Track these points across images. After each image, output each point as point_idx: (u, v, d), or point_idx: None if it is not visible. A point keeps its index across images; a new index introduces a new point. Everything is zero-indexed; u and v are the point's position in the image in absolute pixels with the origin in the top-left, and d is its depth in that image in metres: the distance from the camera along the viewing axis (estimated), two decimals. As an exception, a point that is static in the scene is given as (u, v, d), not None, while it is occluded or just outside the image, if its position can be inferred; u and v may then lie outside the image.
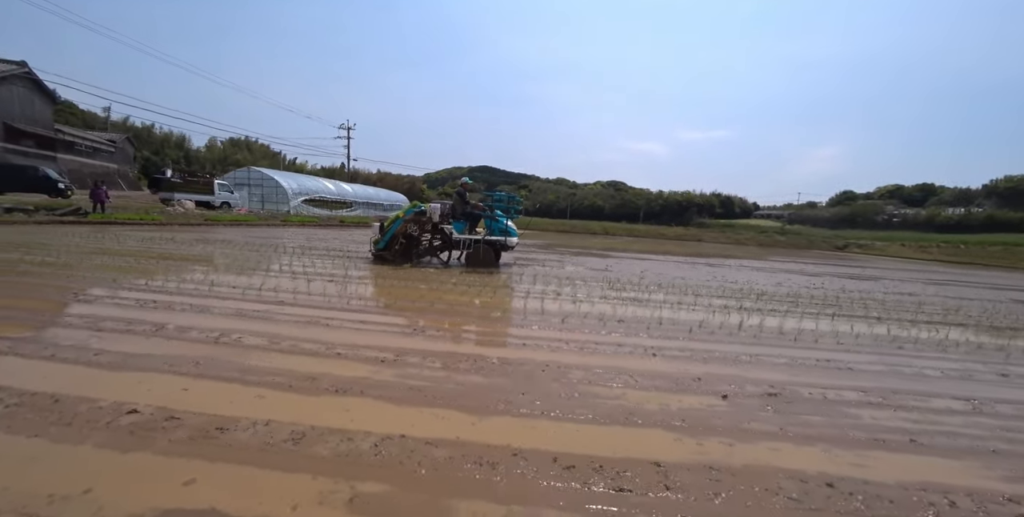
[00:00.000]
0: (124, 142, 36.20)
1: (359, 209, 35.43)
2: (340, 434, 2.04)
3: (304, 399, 2.40)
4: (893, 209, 73.05)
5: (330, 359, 3.02)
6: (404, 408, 2.36)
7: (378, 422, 2.18)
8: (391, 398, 2.46)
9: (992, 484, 2.01)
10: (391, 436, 2.05)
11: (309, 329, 3.71)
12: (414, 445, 1.98)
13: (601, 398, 2.63)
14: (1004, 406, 3.00)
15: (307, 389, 2.51)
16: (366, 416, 2.23)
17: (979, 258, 29.65)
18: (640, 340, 3.95)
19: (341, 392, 2.50)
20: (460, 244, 8.47)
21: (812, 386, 3.11)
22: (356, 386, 2.58)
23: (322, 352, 3.14)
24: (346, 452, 1.90)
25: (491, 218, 8.39)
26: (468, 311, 4.77)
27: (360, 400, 2.42)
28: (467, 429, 2.16)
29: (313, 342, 3.34)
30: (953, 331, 5.48)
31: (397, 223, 8.16)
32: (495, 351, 3.39)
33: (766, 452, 2.12)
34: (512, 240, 8.47)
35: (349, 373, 2.78)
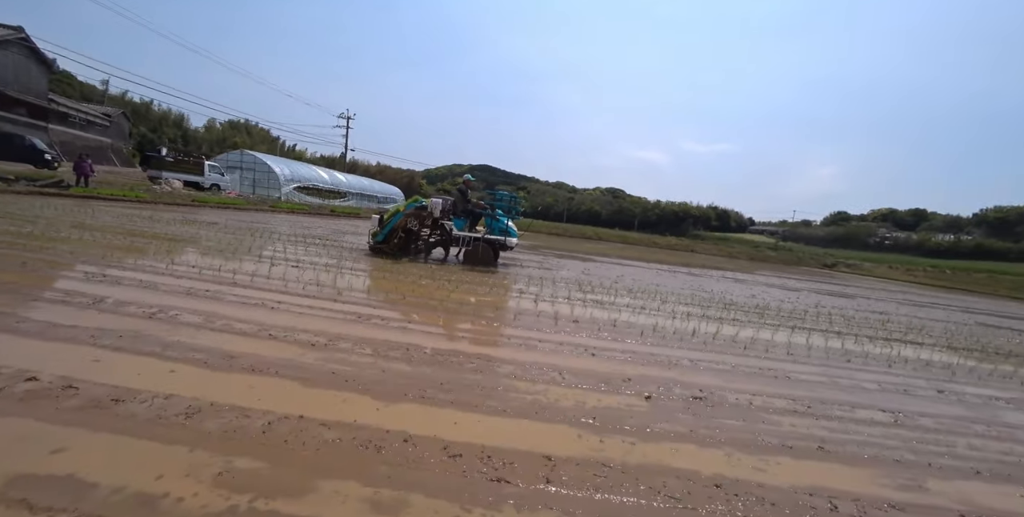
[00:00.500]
0: (120, 117, 35.79)
1: (353, 200, 35.26)
2: (238, 411, 2.02)
3: (215, 376, 2.37)
4: (885, 232, 73.81)
5: (260, 340, 3.00)
6: (314, 390, 2.34)
7: (281, 402, 2.16)
8: (305, 380, 2.45)
9: (883, 491, 2.02)
10: (289, 416, 2.03)
11: (252, 311, 3.68)
12: (308, 426, 1.97)
13: (520, 392, 2.62)
14: (926, 420, 3.03)
15: (222, 367, 2.49)
16: (271, 396, 2.21)
17: (963, 284, 30.00)
18: (585, 340, 3.95)
19: (256, 372, 2.48)
20: (459, 241, 8.37)
21: (742, 392, 3.12)
22: (274, 367, 2.56)
23: (254, 333, 3.12)
24: (235, 428, 1.88)
25: (492, 217, 8.33)
26: (423, 303, 4.76)
27: (272, 380, 2.40)
28: (369, 414, 2.15)
29: (250, 323, 3.31)
30: (907, 349, 5.54)
31: (397, 217, 8.04)
32: (432, 342, 3.38)
33: (666, 453, 2.13)
34: (512, 240, 8.42)
35: (273, 354, 2.76)
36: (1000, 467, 2.41)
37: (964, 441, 2.73)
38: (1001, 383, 4.36)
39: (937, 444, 2.64)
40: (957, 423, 3.03)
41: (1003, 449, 2.67)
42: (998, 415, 3.33)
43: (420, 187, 68.77)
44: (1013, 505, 2.04)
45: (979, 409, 3.42)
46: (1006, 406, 3.60)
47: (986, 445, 2.70)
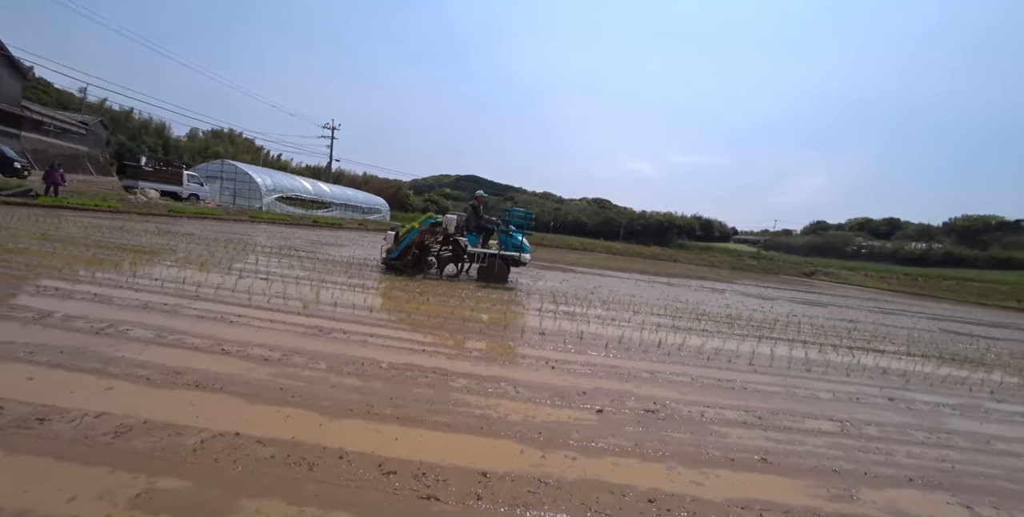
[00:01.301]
0: (97, 125, 35.09)
1: (336, 210, 35.02)
2: (171, 429, 1.98)
3: (155, 393, 2.33)
4: (862, 241, 76.10)
5: (211, 355, 2.95)
6: (256, 406, 2.31)
7: (220, 419, 2.12)
8: (249, 396, 2.41)
9: (814, 502, 2.06)
10: (225, 433, 2.00)
11: (209, 325, 3.62)
12: (243, 443, 1.94)
13: (470, 407, 2.62)
14: (871, 428, 3.11)
15: (164, 383, 2.44)
16: (211, 413, 2.18)
17: (933, 291, 30.97)
18: (546, 352, 3.98)
19: (200, 388, 2.43)
20: (475, 257, 8.40)
21: (696, 404, 3.17)
22: (219, 383, 2.52)
23: (206, 348, 3.06)
24: (164, 447, 1.84)
25: (506, 233, 8.38)
26: (387, 316, 4.73)
27: (215, 397, 2.36)
28: (309, 430, 2.12)
29: (204, 338, 3.26)
30: (868, 357, 5.68)
31: (412, 233, 8.01)
32: (388, 356, 3.36)
33: (606, 467, 2.14)
34: (526, 256, 8.46)
35: (221, 369, 2.71)
36: (933, 474, 2.49)
37: (904, 449, 2.81)
38: (950, 389, 4.50)
39: (877, 452, 2.71)
40: (900, 431, 3.12)
41: (939, 456, 2.75)
42: (941, 422, 3.44)
43: (406, 198, 68.69)
44: (937, 512, 2.10)
45: (924, 416, 3.53)
46: (951, 412, 3.71)
47: (924, 452, 2.79)
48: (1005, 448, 3.06)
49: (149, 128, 47.85)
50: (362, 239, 18.37)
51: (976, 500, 2.26)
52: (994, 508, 2.20)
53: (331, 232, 21.10)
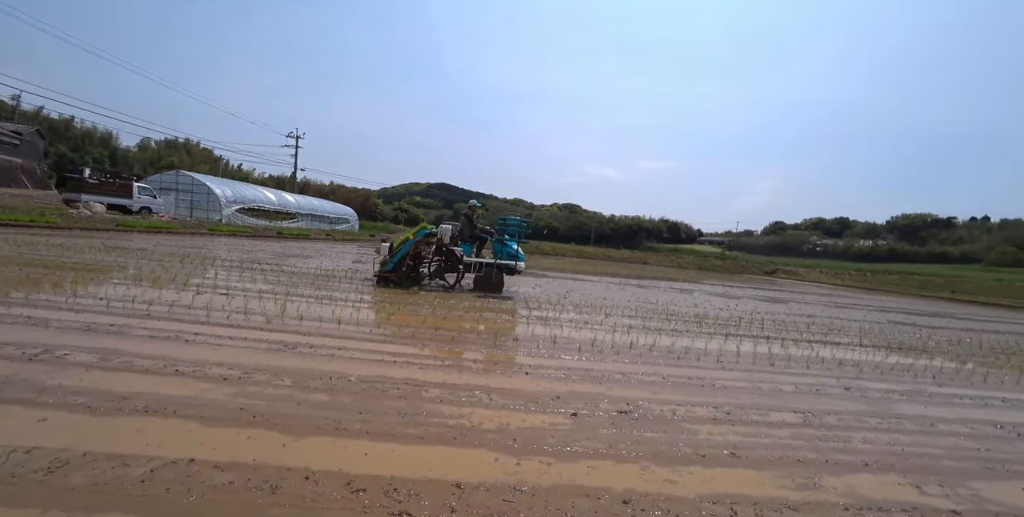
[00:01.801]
0: (33, 134, 32.60)
1: (302, 221, 33.95)
2: (116, 460, 1.83)
3: (96, 422, 2.15)
4: (816, 240, 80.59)
5: (163, 377, 2.76)
6: (214, 429, 2.17)
7: (172, 445, 1.98)
8: (206, 418, 2.27)
9: (781, 492, 2.13)
10: (178, 460, 1.87)
11: (161, 345, 3.40)
12: (198, 470, 1.81)
13: (443, 417, 2.57)
14: (831, 417, 3.26)
15: (108, 410, 2.26)
16: (161, 439, 2.03)
17: (880, 285, 33.11)
18: (520, 358, 3.97)
19: (149, 413, 2.27)
20: (471, 267, 8.32)
21: (668, 403, 3.23)
22: (172, 406, 2.36)
23: (158, 370, 2.87)
24: (107, 481, 1.70)
25: (500, 242, 8.39)
26: (356, 328, 4.60)
27: (167, 421, 2.20)
28: (272, 451, 2.02)
29: (155, 359, 3.06)
30: (826, 349, 5.98)
31: (407, 244, 7.82)
32: (357, 369, 3.26)
33: (581, 471, 2.14)
34: (520, 265, 8.45)
35: (174, 392, 2.55)
36: (886, 458, 2.63)
37: (859, 435, 2.96)
38: (899, 376, 4.79)
39: (836, 441, 2.84)
40: (856, 419, 3.29)
41: (890, 440, 2.91)
42: (891, 408, 3.64)
43: (376, 207, 67.45)
44: (891, 493, 2.22)
45: (877, 403, 3.73)
46: (899, 398, 3.95)
47: (877, 438, 2.94)
48: (947, 429, 3.27)
49: (93, 138, 44.91)
50: (330, 250, 17.86)
51: (923, 479, 2.40)
52: (939, 485, 2.35)
53: (297, 243, 20.40)
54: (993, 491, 2.36)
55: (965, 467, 2.63)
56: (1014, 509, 2.20)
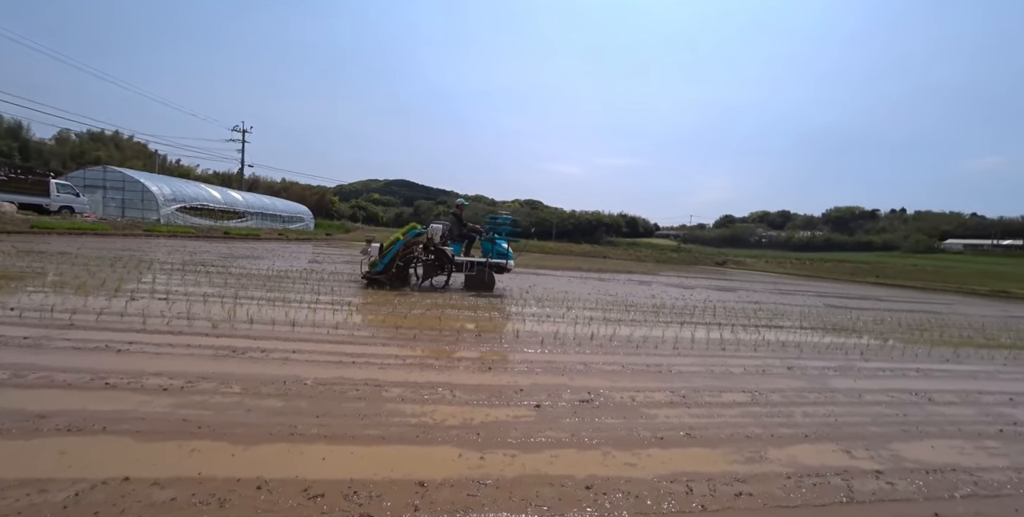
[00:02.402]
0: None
1: (252, 220, 32.07)
2: (31, 486, 1.65)
3: (6, 446, 1.93)
4: (762, 231, 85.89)
5: (89, 392, 2.52)
6: (152, 444, 2.01)
7: (101, 465, 1.82)
8: (142, 433, 2.10)
9: (732, 467, 2.26)
10: (109, 480, 1.71)
11: (87, 357, 3.10)
12: (133, 489, 1.67)
13: (405, 416, 2.52)
14: (775, 395, 3.50)
15: (21, 433, 2.04)
16: (88, 459, 1.85)
17: (818, 272, 35.89)
18: (483, 354, 3.96)
19: (73, 431, 2.07)
20: (463, 267, 8.25)
21: (627, 390, 3.34)
22: (101, 422, 2.16)
23: (84, 384, 2.62)
24: (21, 510, 1.53)
25: (490, 241, 8.36)
26: (312, 330, 4.41)
27: (94, 440, 2.01)
28: (220, 463, 1.90)
29: (80, 372, 2.78)
30: (771, 333, 6.40)
31: (398, 244, 7.68)
32: (315, 372, 3.13)
33: (545, 460, 2.17)
34: (511, 263, 8.47)
35: (104, 407, 2.33)
36: (822, 429, 2.86)
37: (800, 410, 3.19)
38: (832, 354, 5.22)
39: (780, 416, 3.05)
40: (797, 395, 3.55)
41: (826, 412, 3.17)
42: (827, 383, 3.97)
43: (332, 204, 64.89)
44: (826, 459, 2.42)
45: (814, 380, 4.05)
46: (834, 374, 4.30)
47: (815, 411, 3.19)
48: (872, 399, 3.61)
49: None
50: (283, 250, 16.99)
51: (853, 445, 2.63)
52: (866, 449, 2.59)
53: (247, 244, 19.25)
54: (909, 451, 2.63)
55: (887, 432, 2.91)
56: (924, 464, 2.46)
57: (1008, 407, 3.74)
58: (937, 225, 70.13)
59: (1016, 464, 2.60)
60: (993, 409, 3.64)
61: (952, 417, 3.34)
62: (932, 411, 3.44)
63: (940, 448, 2.74)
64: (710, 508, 1.88)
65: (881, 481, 2.24)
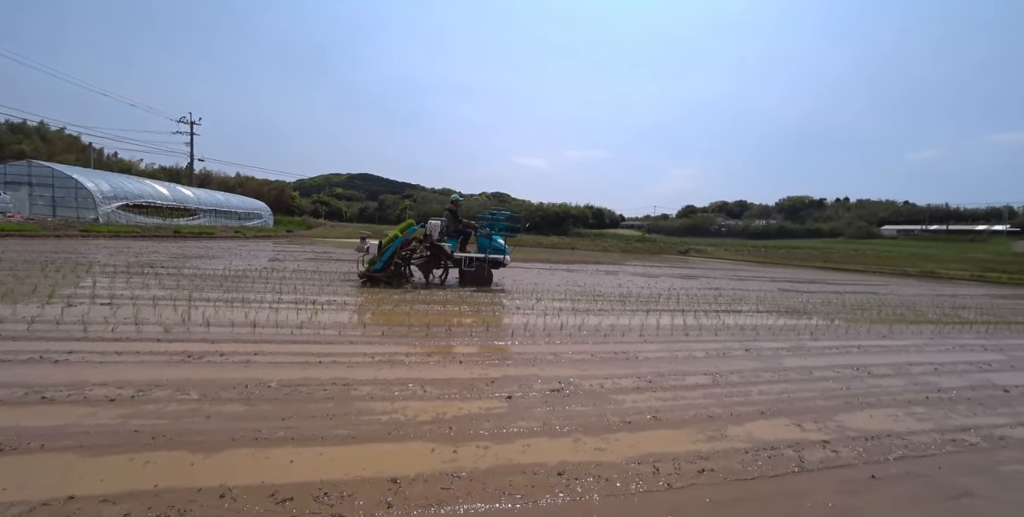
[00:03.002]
0: None
1: (205, 218, 30.26)
2: (-39, 512, 1.52)
3: (-67, 468, 1.76)
4: (721, 221, 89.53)
5: (22, 408, 2.33)
6: (100, 459, 1.89)
7: (41, 485, 1.69)
8: (88, 448, 1.96)
9: (695, 446, 2.38)
10: (51, 501, 1.60)
11: (18, 369, 2.85)
12: (79, 507, 1.57)
13: (375, 414, 2.49)
14: (734, 376, 3.70)
15: (-52, 453, 1.86)
16: (25, 481, 1.72)
17: (773, 258, 37.96)
18: (454, 347, 3.96)
19: (5, 452, 1.90)
20: (462, 262, 8.30)
21: (596, 377, 3.43)
22: (38, 440, 2.00)
23: (15, 399, 2.41)
24: (-48, 537, 1.41)
25: (487, 237, 8.44)
26: (275, 330, 4.24)
27: (31, 459, 1.87)
28: (179, 473, 1.81)
29: (11, 387, 2.56)
30: (730, 317, 6.73)
31: (397, 242, 7.68)
32: (279, 373, 3.02)
33: (518, 450, 2.20)
34: (507, 258, 8.65)
35: (42, 423, 2.16)
36: (776, 405, 3.05)
37: (757, 389, 3.39)
38: (786, 336, 5.56)
39: (739, 395, 3.23)
40: (754, 375, 3.76)
41: (780, 390, 3.39)
42: (781, 362, 4.23)
43: (292, 200, 62.17)
44: (780, 433, 2.59)
45: (769, 360, 4.30)
46: (787, 354, 4.59)
47: (770, 389, 3.40)
48: (820, 375, 3.88)
49: (-100, 120, 35.66)
50: (240, 248, 16.18)
51: (803, 419, 2.83)
52: (814, 422, 2.79)
53: (200, 243, 18.20)
54: (851, 421, 2.86)
55: (832, 405, 3.15)
56: (864, 432, 2.69)
57: (933, 376, 4.13)
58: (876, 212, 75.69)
59: (939, 427, 2.89)
60: (921, 378, 4.01)
61: (887, 388, 3.65)
62: (871, 383, 3.74)
63: (877, 417, 2.99)
64: (675, 485, 1.97)
65: (827, 450, 2.43)
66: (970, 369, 4.50)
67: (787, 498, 1.95)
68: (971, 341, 6.01)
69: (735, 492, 1.97)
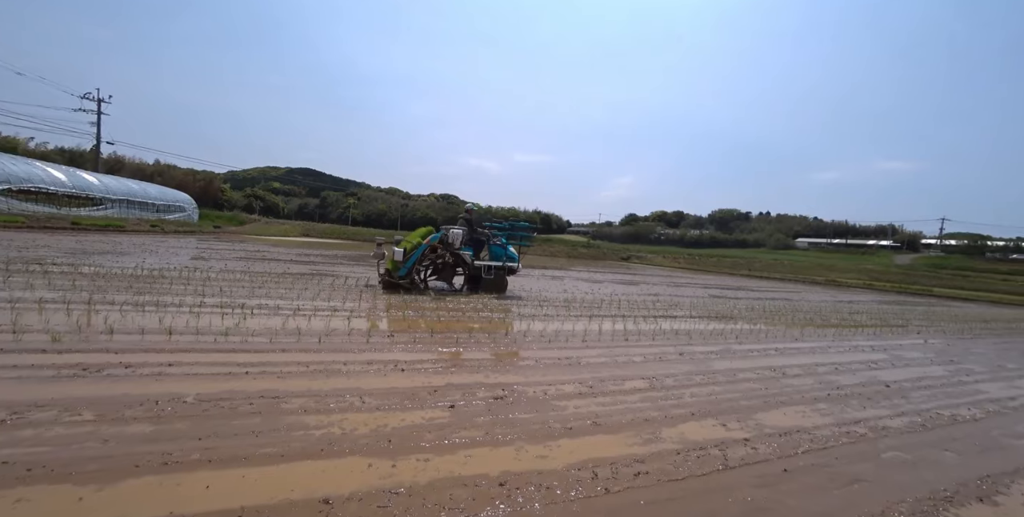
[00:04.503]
0: None
1: (113, 208, 26.97)
2: None
3: None
4: (660, 229, 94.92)
5: None
6: (-42, 497, 1.59)
7: None
8: (-57, 485, 1.65)
9: (632, 449, 2.48)
10: None
11: None
12: (-73, 559, 1.31)
13: (308, 429, 2.33)
14: (670, 380, 3.91)
15: None
16: None
17: (705, 266, 40.94)
18: (395, 355, 3.83)
19: None
20: (481, 270, 8.56)
21: (539, 384, 3.47)
22: None
23: None
24: None
25: (501, 245, 8.79)
26: (195, 337, 3.86)
27: None
28: (61, 510, 1.57)
29: None
30: (666, 322, 7.13)
31: (421, 249, 7.91)
32: (198, 386, 2.74)
33: (459, 462, 2.16)
34: (519, 266, 9.11)
35: None
36: (705, 406, 3.27)
37: (688, 391, 3.61)
38: (715, 340, 6.00)
39: (672, 398, 3.41)
40: (687, 378, 4.01)
41: (708, 392, 3.63)
42: (710, 365, 4.55)
43: (222, 193, 57.19)
44: (707, 434, 2.77)
45: (700, 363, 4.61)
46: (716, 357, 4.95)
47: (700, 391, 3.64)
48: (743, 377, 4.22)
49: None
50: (157, 245, 14.58)
51: (728, 419, 3.05)
52: (737, 422, 3.02)
53: (105, 237, 16.16)
54: (768, 419, 3.13)
55: (753, 404, 3.43)
56: (778, 429, 2.96)
57: (834, 375, 4.64)
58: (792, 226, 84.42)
59: (838, 420, 3.24)
60: (825, 377, 4.49)
61: (798, 387, 4.04)
62: (785, 383, 4.13)
63: (789, 414, 3.30)
64: (612, 490, 2.04)
65: (748, 447, 2.64)
66: (862, 368, 5.11)
67: (713, 495, 2.08)
68: (863, 342, 6.84)
69: (667, 493, 2.07)
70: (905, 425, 3.31)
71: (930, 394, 4.27)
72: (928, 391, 4.36)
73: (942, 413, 3.68)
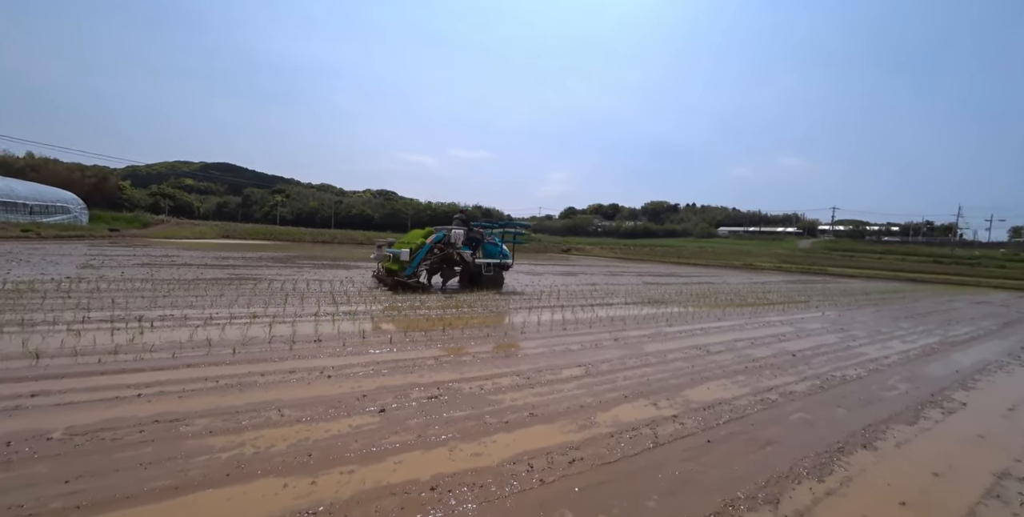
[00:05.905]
0: None
1: (-27, 211, 22.68)
2: None
3: None
4: (598, 222, 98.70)
5: None
6: None
7: None
8: None
9: (568, 437, 2.49)
10: None
11: None
12: None
13: (213, 452, 2.07)
14: (604, 365, 4.02)
15: None
16: None
17: (639, 255, 43.35)
18: (322, 360, 3.56)
19: None
20: (480, 268, 8.92)
21: (476, 379, 3.40)
22: None
23: None
24: None
25: (494, 244, 9.22)
26: (67, 361, 3.31)
27: None
28: None
29: None
30: (603, 310, 7.38)
31: (425, 249, 8.16)
32: (68, 418, 2.33)
33: (388, 470, 2.04)
34: (511, 262, 9.73)
35: None
36: (638, 388, 3.40)
37: (622, 375, 3.74)
38: (648, 324, 6.32)
39: (607, 384, 3.51)
40: (620, 362, 4.15)
41: (641, 374, 3.79)
42: (643, 349, 4.76)
43: (120, 191, 50.30)
44: (640, 414, 2.88)
45: (634, 347, 4.81)
46: (648, 341, 5.20)
47: (633, 374, 3.78)
48: (673, 357, 4.47)
49: None
50: (30, 253, 12.46)
51: (658, 398, 3.20)
52: (667, 400, 3.18)
53: (-40, 246, 13.49)
54: (694, 395, 3.33)
55: (681, 383, 3.63)
56: (703, 403, 3.15)
57: (750, 348, 5.08)
58: (715, 216, 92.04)
59: (754, 390, 3.53)
60: (743, 351, 4.89)
61: (720, 363, 4.36)
62: (709, 360, 4.43)
63: (713, 388, 3.53)
64: (547, 480, 2.03)
65: (676, 423, 2.77)
66: (773, 341, 5.65)
67: (643, 473, 2.15)
68: (774, 318, 7.58)
69: (601, 476, 2.10)
70: (807, 388, 3.68)
71: (826, 359, 4.81)
72: (824, 357, 4.91)
73: (835, 375, 4.16)
